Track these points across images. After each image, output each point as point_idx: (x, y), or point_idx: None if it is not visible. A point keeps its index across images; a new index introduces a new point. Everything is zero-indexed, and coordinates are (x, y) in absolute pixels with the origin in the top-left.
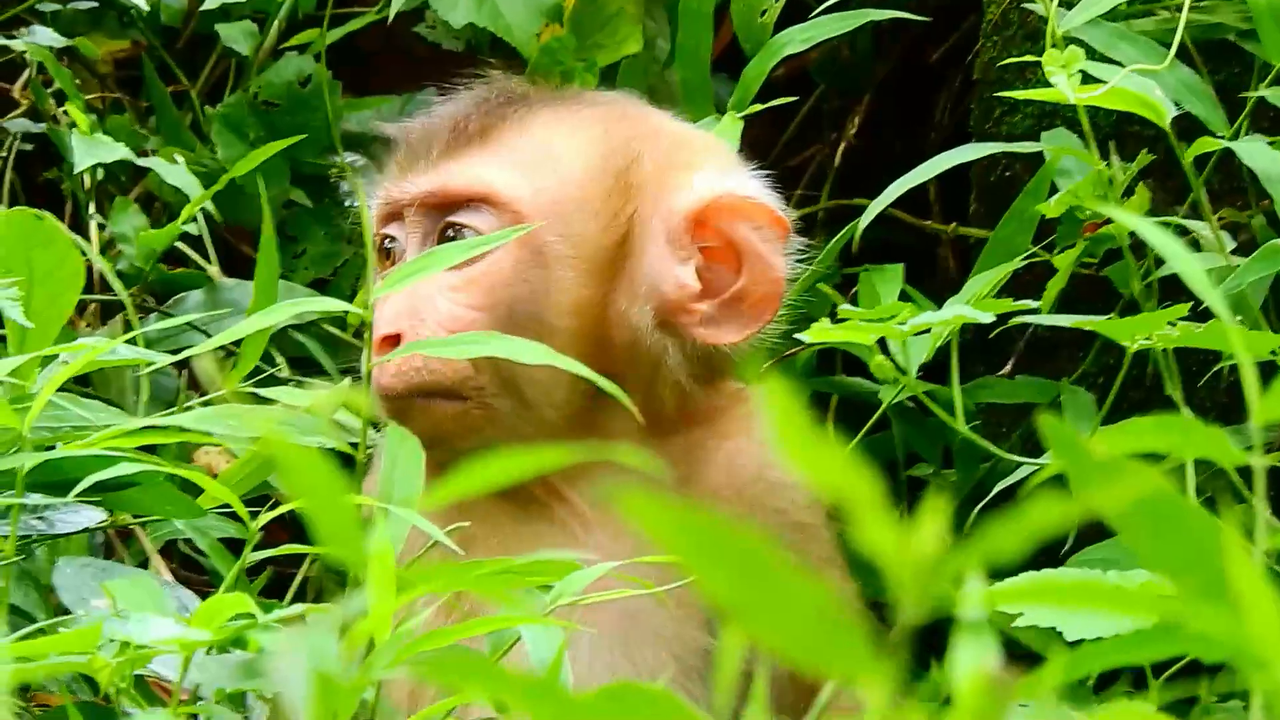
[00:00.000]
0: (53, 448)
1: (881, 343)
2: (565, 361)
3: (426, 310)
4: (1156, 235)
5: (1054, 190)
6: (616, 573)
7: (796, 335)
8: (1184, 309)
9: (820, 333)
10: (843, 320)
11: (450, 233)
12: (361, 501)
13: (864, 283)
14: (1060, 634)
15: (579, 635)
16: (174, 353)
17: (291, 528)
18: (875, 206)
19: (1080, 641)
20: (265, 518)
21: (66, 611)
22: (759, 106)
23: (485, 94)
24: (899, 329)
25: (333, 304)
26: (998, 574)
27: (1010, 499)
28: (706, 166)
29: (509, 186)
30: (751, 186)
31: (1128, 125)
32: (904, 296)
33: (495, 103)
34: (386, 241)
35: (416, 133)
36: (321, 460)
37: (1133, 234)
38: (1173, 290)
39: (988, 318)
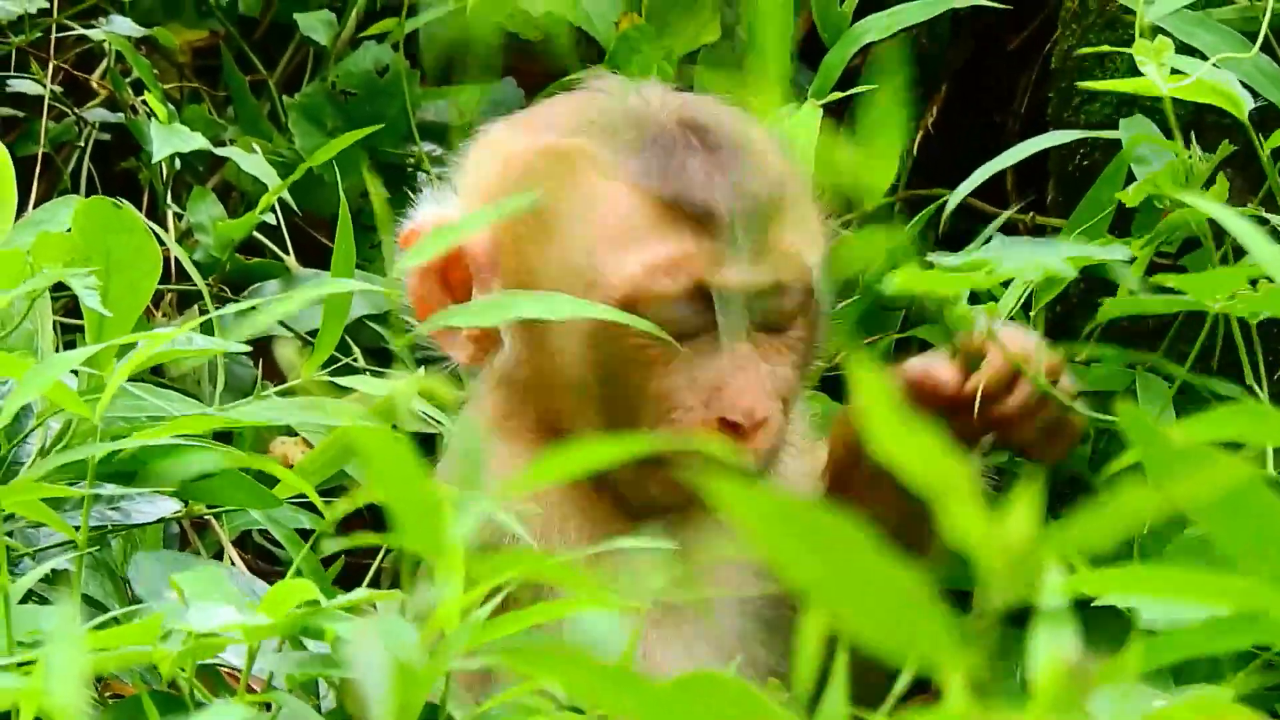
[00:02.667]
0: (127, 438)
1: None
2: None
3: (771, 389)
4: (1236, 223)
5: (1131, 179)
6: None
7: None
8: (1261, 269)
9: (906, 279)
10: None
11: (775, 316)
12: (452, 492)
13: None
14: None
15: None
16: (250, 342)
17: (367, 518)
18: (956, 196)
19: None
20: (341, 509)
21: (139, 602)
22: (838, 94)
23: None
24: (986, 277)
25: (377, 284)
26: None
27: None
28: None
29: (815, 266)
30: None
31: (1206, 114)
32: None
33: (764, 171)
34: (680, 324)
35: (725, 208)
36: (402, 448)
37: (1210, 224)
38: None
39: (1070, 272)
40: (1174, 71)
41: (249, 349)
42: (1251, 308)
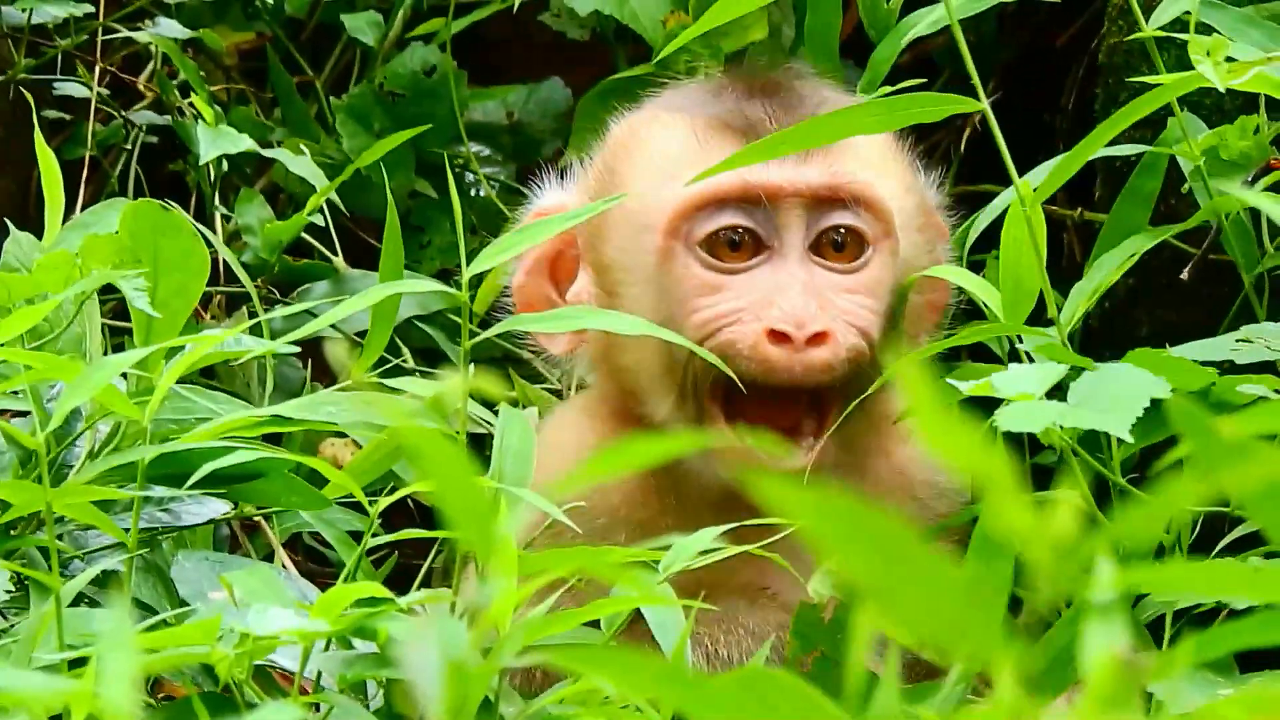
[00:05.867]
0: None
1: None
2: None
3: (834, 308)
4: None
5: (1177, 170)
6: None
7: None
8: None
9: (949, 272)
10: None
11: (836, 235)
12: (512, 492)
13: (990, 269)
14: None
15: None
16: (298, 344)
17: (417, 518)
18: (1001, 200)
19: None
20: (384, 502)
21: (185, 604)
22: (886, 90)
23: (812, 89)
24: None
25: (432, 285)
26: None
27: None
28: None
29: (889, 196)
30: (934, 198)
31: (1252, 109)
32: None
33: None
34: (728, 234)
35: (772, 122)
36: (452, 447)
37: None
38: None
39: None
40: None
41: (298, 350)
42: None
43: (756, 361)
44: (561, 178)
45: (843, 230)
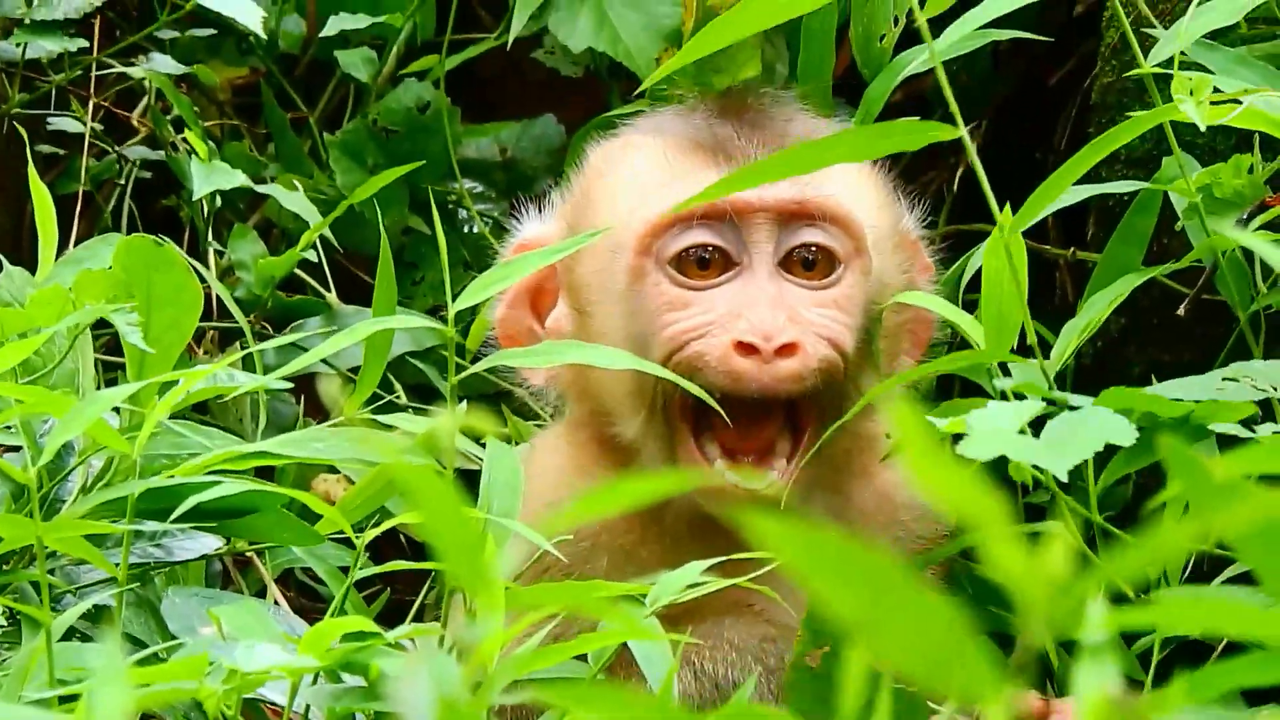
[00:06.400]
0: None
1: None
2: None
3: (803, 321)
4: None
5: (1169, 210)
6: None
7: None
8: None
9: (924, 299)
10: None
11: (807, 253)
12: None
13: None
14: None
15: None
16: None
17: (409, 553)
18: (1016, 225)
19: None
20: (370, 535)
21: (178, 639)
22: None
23: (782, 108)
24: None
25: (424, 321)
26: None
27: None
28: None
29: (860, 213)
30: (913, 226)
31: (1246, 149)
32: None
33: (803, 124)
34: (698, 252)
35: (744, 141)
36: (443, 483)
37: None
38: None
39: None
40: (1215, 104)
41: (291, 386)
42: None
43: (725, 374)
44: (540, 210)
45: (813, 248)
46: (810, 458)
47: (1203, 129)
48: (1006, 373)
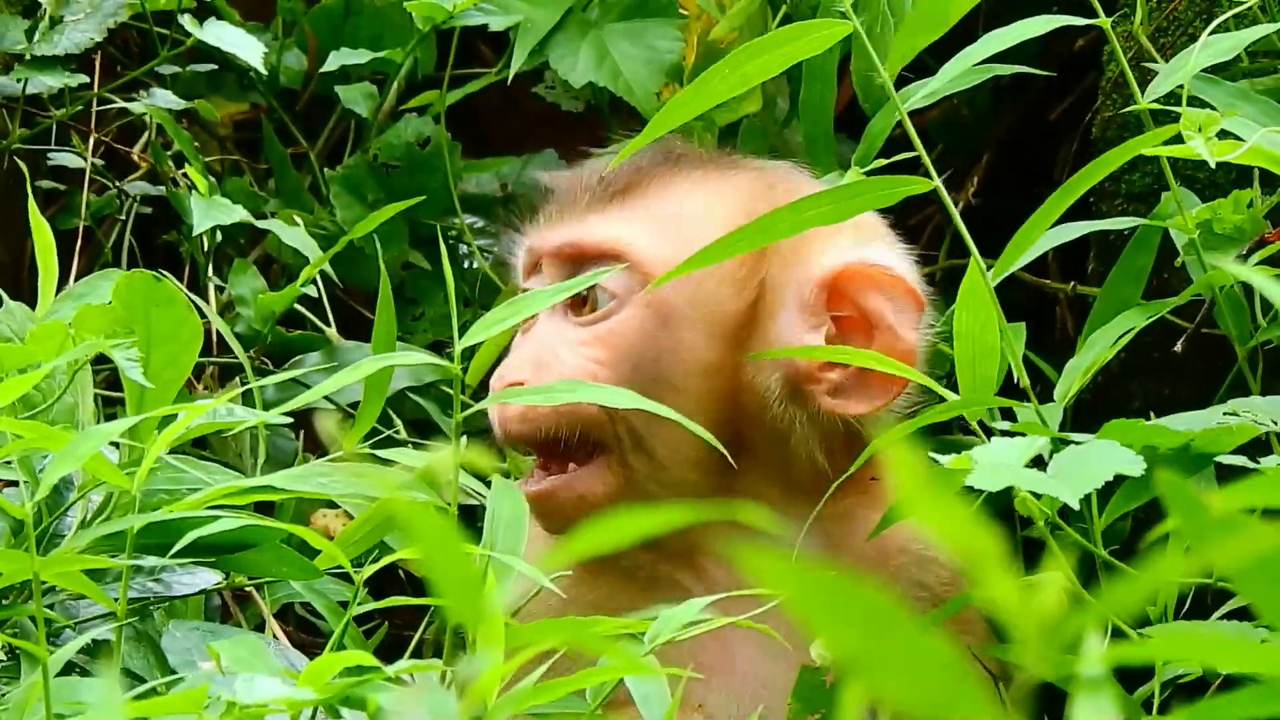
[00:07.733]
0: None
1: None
2: (656, 408)
3: (553, 362)
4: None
5: (1169, 244)
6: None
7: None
8: None
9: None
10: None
11: (583, 296)
12: (481, 554)
13: None
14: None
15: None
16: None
17: (408, 588)
18: (999, 269)
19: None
20: (369, 570)
21: (175, 673)
22: (882, 162)
23: (640, 152)
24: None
25: (422, 357)
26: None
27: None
28: (844, 234)
29: (643, 246)
30: (888, 256)
31: (1246, 185)
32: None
33: (645, 160)
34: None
35: (565, 184)
36: (440, 517)
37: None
38: None
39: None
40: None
41: (290, 421)
42: None
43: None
44: None
45: (591, 288)
46: (798, 501)
47: (1212, 165)
48: (1007, 416)
